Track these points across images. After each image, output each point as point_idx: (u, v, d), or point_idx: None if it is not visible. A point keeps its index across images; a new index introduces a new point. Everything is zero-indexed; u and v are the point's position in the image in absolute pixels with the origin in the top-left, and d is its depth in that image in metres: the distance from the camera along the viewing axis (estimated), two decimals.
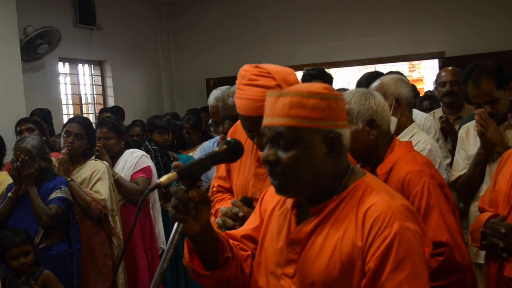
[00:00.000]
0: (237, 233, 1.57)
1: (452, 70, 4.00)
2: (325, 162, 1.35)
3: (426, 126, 3.13)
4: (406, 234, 1.27)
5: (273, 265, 1.44)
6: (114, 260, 3.58)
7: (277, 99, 1.35)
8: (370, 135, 2.00)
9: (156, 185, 1.25)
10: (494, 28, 7.21)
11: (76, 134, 3.54)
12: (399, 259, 1.25)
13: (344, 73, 8.83)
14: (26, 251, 3.01)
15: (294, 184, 1.35)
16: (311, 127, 1.32)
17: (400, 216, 1.30)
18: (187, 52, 8.92)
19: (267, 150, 1.36)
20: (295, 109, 1.32)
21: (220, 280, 1.43)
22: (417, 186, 1.90)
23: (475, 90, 2.65)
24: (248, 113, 1.75)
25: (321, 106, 1.33)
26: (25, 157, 3.14)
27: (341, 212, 1.36)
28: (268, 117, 1.38)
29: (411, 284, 1.24)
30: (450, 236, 1.85)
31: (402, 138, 2.58)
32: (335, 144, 1.35)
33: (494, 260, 2.00)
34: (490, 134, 2.54)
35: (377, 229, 1.28)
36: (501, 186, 2.04)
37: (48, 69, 6.62)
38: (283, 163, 1.33)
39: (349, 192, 1.37)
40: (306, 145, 1.32)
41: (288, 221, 1.46)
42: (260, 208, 1.60)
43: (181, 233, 1.31)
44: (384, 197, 1.34)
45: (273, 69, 1.76)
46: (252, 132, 1.80)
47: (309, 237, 1.38)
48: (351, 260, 1.30)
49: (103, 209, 3.46)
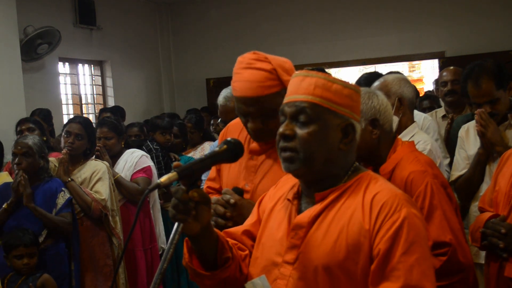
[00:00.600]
0: (238, 230, 1.58)
1: (454, 70, 4.01)
2: (337, 147, 1.39)
3: (425, 126, 3.13)
4: (414, 220, 1.31)
5: (273, 255, 1.44)
6: (114, 260, 3.57)
7: (303, 78, 1.41)
8: (372, 134, 2.00)
9: (156, 185, 1.25)
10: (494, 28, 7.21)
11: (76, 134, 3.54)
12: (409, 242, 1.28)
13: (344, 73, 8.83)
14: (32, 252, 3.03)
15: (305, 159, 1.37)
16: (331, 109, 1.38)
17: (407, 203, 1.34)
18: (187, 52, 8.93)
19: (285, 126, 1.39)
20: (320, 89, 1.38)
21: (220, 280, 1.42)
22: (420, 186, 1.90)
23: (475, 90, 2.65)
24: (244, 94, 1.77)
25: (343, 93, 1.40)
26: (24, 177, 3.14)
27: (347, 200, 1.39)
28: (292, 94, 1.42)
29: (421, 267, 1.28)
30: (453, 236, 1.85)
31: (403, 138, 2.58)
32: (349, 132, 1.40)
33: (494, 260, 2.00)
34: (490, 134, 2.54)
35: (385, 213, 1.32)
36: (501, 186, 2.04)
37: (48, 69, 6.62)
38: (299, 136, 1.37)
39: (354, 181, 1.41)
40: (324, 124, 1.37)
41: (289, 212, 1.47)
42: (258, 209, 1.60)
43: (182, 233, 1.31)
44: (390, 186, 1.41)
45: (270, 55, 1.82)
46: (247, 116, 1.81)
47: (313, 222, 1.39)
48: (358, 243, 1.32)
49: (103, 209, 3.45)
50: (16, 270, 3.04)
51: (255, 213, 1.60)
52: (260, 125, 1.79)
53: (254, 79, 1.75)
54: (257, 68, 1.76)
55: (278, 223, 1.48)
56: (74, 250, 3.35)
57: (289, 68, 1.80)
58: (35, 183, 3.25)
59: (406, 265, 1.27)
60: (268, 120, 1.78)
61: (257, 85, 1.73)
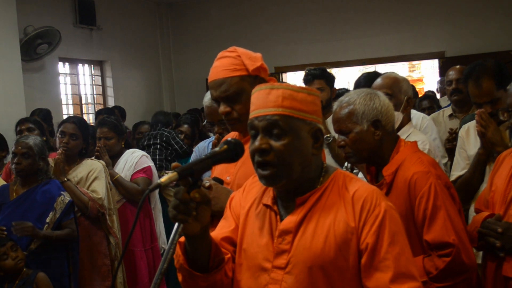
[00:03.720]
0: (217, 236, 1.56)
1: (459, 68, 4.00)
2: (310, 153, 1.44)
3: (423, 125, 3.13)
4: (392, 212, 1.41)
5: (260, 261, 1.45)
6: (112, 260, 3.57)
7: (270, 91, 1.44)
8: (375, 135, 2.00)
9: (156, 185, 1.24)
10: (494, 28, 7.21)
11: (71, 134, 3.53)
12: (392, 232, 1.38)
13: (344, 73, 8.84)
14: (10, 245, 2.93)
15: (284, 172, 1.41)
16: (301, 118, 1.42)
17: (382, 196, 1.44)
18: (187, 52, 8.93)
19: (259, 140, 1.41)
20: (288, 100, 1.42)
21: (212, 282, 1.42)
22: (424, 187, 1.90)
23: (476, 90, 2.65)
24: (211, 78, 1.94)
25: (308, 100, 1.45)
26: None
27: (327, 200, 1.44)
28: (260, 109, 1.44)
29: (405, 254, 1.38)
30: (457, 237, 1.85)
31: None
32: (318, 136, 1.46)
33: (491, 260, 2.00)
34: (490, 134, 2.54)
35: (367, 209, 1.40)
36: (498, 186, 2.04)
37: (48, 69, 6.63)
38: (276, 150, 1.40)
39: (330, 182, 1.47)
40: (297, 134, 1.41)
41: (268, 217, 1.48)
42: (230, 212, 1.60)
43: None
44: (364, 183, 1.49)
45: (240, 48, 1.96)
46: (217, 102, 1.96)
47: (299, 226, 1.43)
48: (346, 240, 1.39)
49: (100, 208, 3.44)
50: (7, 271, 2.94)
51: (229, 218, 1.59)
52: (228, 108, 1.91)
53: (220, 64, 1.91)
54: (225, 57, 1.93)
55: (259, 229, 1.49)
56: (73, 252, 3.33)
57: (255, 57, 1.93)
58: (32, 185, 3.23)
59: (394, 254, 1.36)
60: (235, 104, 1.90)
61: (222, 69, 1.89)
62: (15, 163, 3.18)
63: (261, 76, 1.93)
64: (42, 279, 2.98)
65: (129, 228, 3.72)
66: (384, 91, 2.62)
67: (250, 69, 1.88)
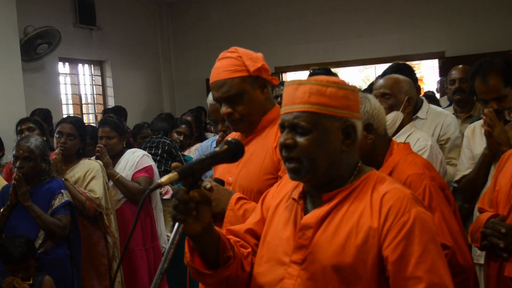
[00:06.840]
0: (241, 228, 1.58)
1: (462, 68, 4.00)
2: (339, 150, 1.41)
3: (446, 123, 3.14)
4: (424, 218, 1.33)
5: (279, 254, 1.45)
6: (109, 259, 3.57)
7: (297, 87, 1.42)
8: (367, 139, 1.99)
9: (157, 184, 1.25)
10: (494, 28, 7.21)
11: (68, 134, 3.53)
12: (424, 242, 1.30)
13: (344, 73, 8.84)
14: (26, 266, 2.95)
15: (309, 167, 1.39)
16: (328, 114, 1.39)
17: (416, 202, 1.36)
18: (187, 52, 8.92)
19: (285, 136, 1.41)
20: (315, 96, 1.39)
21: (222, 278, 1.43)
22: (419, 189, 1.89)
23: (483, 86, 2.63)
24: (213, 79, 1.94)
25: (338, 95, 1.40)
26: (19, 175, 3.08)
27: (355, 200, 1.40)
28: (288, 105, 1.43)
29: (438, 264, 1.30)
30: (452, 238, 1.84)
31: (400, 136, 2.60)
32: (350, 133, 1.42)
33: (494, 260, 2.00)
34: (496, 133, 2.53)
35: (395, 214, 1.33)
36: (501, 186, 2.03)
37: (48, 69, 6.63)
38: (300, 146, 1.38)
39: (361, 181, 1.42)
40: (323, 130, 1.38)
41: (295, 211, 1.48)
42: (261, 206, 1.61)
43: (182, 233, 1.31)
44: (398, 186, 1.41)
45: (241, 49, 1.96)
46: (219, 102, 1.96)
47: (321, 222, 1.40)
48: (367, 243, 1.33)
49: (98, 207, 3.44)
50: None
51: (258, 211, 1.60)
52: (230, 109, 1.92)
53: (221, 65, 1.92)
54: (226, 57, 1.94)
55: (284, 222, 1.48)
56: (75, 253, 3.32)
57: (256, 57, 1.93)
58: (35, 184, 3.23)
59: (426, 266, 1.29)
60: (236, 105, 1.90)
61: (223, 70, 1.90)
62: (17, 167, 3.16)
63: (263, 77, 1.93)
64: (47, 282, 3.00)
65: (129, 228, 3.73)
66: (383, 91, 2.64)
67: (251, 70, 1.88)
